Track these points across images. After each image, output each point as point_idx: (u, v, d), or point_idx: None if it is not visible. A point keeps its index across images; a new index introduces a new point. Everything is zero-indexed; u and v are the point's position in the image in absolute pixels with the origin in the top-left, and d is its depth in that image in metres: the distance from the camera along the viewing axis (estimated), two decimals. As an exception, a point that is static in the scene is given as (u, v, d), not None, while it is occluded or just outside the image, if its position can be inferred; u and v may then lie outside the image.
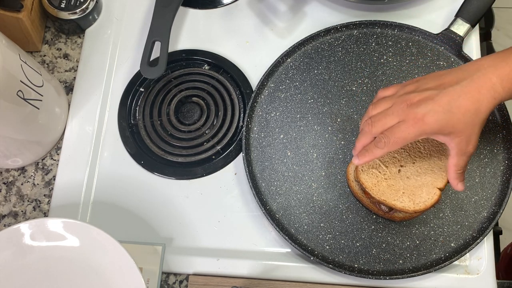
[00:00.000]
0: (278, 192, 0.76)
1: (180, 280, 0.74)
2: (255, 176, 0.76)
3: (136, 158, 0.80)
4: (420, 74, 0.80)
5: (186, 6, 0.89)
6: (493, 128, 0.77)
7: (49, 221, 0.68)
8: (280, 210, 0.75)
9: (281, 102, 0.80)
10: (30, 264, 0.68)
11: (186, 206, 0.77)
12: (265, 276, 0.73)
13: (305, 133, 0.79)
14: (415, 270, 0.71)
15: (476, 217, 0.73)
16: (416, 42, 0.82)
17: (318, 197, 0.75)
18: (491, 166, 0.75)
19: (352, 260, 0.72)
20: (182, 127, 0.81)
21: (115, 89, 0.84)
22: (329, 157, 0.77)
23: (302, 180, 0.76)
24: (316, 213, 0.74)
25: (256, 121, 0.79)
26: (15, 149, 0.76)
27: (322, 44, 0.83)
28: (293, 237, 0.73)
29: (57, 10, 0.82)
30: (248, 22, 0.87)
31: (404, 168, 0.70)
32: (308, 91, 0.81)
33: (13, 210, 0.79)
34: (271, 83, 0.81)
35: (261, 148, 0.78)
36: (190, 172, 0.79)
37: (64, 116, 0.82)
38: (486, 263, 0.73)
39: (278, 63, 0.81)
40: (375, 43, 0.82)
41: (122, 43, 0.87)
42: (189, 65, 0.85)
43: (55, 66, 0.86)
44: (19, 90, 0.67)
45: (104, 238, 0.67)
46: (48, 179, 0.80)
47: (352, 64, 0.82)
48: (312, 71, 0.82)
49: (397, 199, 0.68)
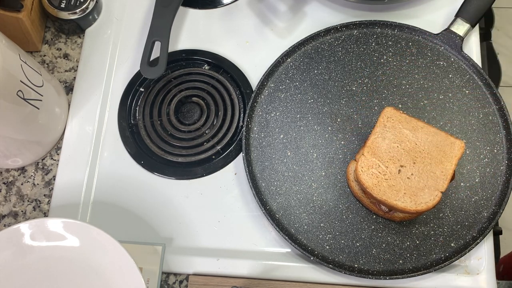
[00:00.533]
0: (278, 192, 0.76)
1: (180, 280, 0.74)
2: (255, 176, 0.76)
3: (136, 158, 0.80)
4: (420, 74, 0.80)
5: (186, 6, 0.89)
6: (493, 128, 0.77)
7: (49, 221, 0.68)
8: (280, 210, 0.75)
9: (281, 102, 0.80)
10: (30, 264, 0.68)
11: (186, 206, 0.77)
12: (265, 276, 0.73)
13: (305, 133, 0.79)
14: (415, 270, 0.71)
15: (476, 217, 0.73)
16: (416, 42, 0.82)
17: (318, 197, 0.75)
18: (491, 166, 0.75)
19: (352, 260, 0.72)
20: (182, 127, 0.81)
21: (115, 89, 0.84)
22: (329, 157, 0.77)
23: (302, 180, 0.76)
24: (316, 213, 0.74)
25: (256, 121, 0.79)
26: (15, 149, 0.76)
27: (322, 44, 0.83)
28: (293, 237, 0.73)
29: (57, 10, 0.82)
30: (248, 22, 0.87)
31: (405, 168, 0.70)
32: (308, 91, 0.81)
33: (13, 210, 0.79)
34: (271, 83, 0.81)
35: (261, 148, 0.78)
36: (190, 172, 0.79)
37: (64, 116, 0.82)
38: (486, 263, 0.73)
39: (278, 63, 0.81)
40: (375, 43, 0.82)
41: (122, 43, 0.87)
42: (189, 65, 0.85)
43: (55, 66, 0.86)
44: (19, 90, 0.67)
45: (104, 238, 0.67)
46: (48, 179, 0.80)
47: (352, 64, 0.82)
48: (312, 71, 0.82)
49: (398, 199, 0.68)
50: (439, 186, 0.68)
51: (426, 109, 0.78)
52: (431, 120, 0.78)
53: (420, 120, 0.72)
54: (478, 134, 0.77)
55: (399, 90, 0.80)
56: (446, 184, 0.69)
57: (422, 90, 0.79)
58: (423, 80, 0.80)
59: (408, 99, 0.79)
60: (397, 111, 0.72)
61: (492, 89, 0.78)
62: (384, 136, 0.71)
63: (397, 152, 0.70)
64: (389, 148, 0.70)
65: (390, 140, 0.71)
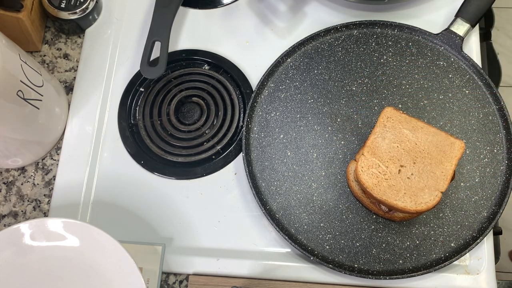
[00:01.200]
0: (278, 192, 0.76)
1: (180, 280, 0.74)
2: (255, 176, 0.76)
3: (136, 158, 0.80)
4: (420, 74, 0.80)
5: (186, 6, 0.89)
6: (493, 128, 0.77)
7: (49, 221, 0.68)
8: (280, 210, 0.75)
9: (281, 102, 0.80)
10: (30, 264, 0.68)
11: (186, 206, 0.77)
12: (265, 276, 0.73)
13: (305, 133, 0.79)
14: (415, 270, 0.71)
15: (476, 217, 0.73)
16: (416, 42, 0.82)
17: (318, 197, 0.75)
18: (491, 166, 0.75)
19: (352, 260, 0.72)
20: (182, 127, 0.81)
21: (115, 89, 0.84)
22: (329, 157, 0.77)
23: (302, 180, 0.76)
24: (316, 213, 0.74)
25: (256, 121, 0.79)
26: (15, 149, 0.76)
27: (322, 44, 0.83)
28: (293, 237, 0.73)
29: (57, 10, 0.82)
30: (248, 22, 0.87)
31: (405, 168, 0.70)
32: (308, 91, 0.81)
33: (13, 210, 0.79)
34: (271, 83, 0.81)
35: (261, 148, 0.78)
36: (190, 172, 0.79)
37: (64, 116, 0.82)
38: (486, 263, 0.73)
39: (278, 63, 0.81)
40: (375, 43, 0.82)
41: (122, 43, 0.87)
42: (189, 65, 0.85)
43: (55, 66, 0.86)
44: (19, 90, 0.67)
45: (104, 238, 0.67)
46: (48, 179, 0.80)
47: (352, 64, 0.82)
48: (312, 71, 0.82)
49: (399, 199, 0.68)
50: (439, 186, 0.68)
51: (426, 109, 0.78)
52: (431, 120, 0.78)
53: (420, 120, 0.72)
54: (478, 134, 0.77)
55: (399, 90, 0.80)
56: (446, 184, 0.69)
57: (422, 90, 0.79)
58: (423, 80, 0.80)
59: (408, 99, 0.79)
60: (397, 111, 0.72)
61: (492, 89, 0.78)
62: (384, 136, 0.71)
63: (397, 152, 0.70)
64: (389, 148, 0.70)
65: (390, 140, 0.71)
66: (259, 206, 0.74)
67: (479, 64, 0.81)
